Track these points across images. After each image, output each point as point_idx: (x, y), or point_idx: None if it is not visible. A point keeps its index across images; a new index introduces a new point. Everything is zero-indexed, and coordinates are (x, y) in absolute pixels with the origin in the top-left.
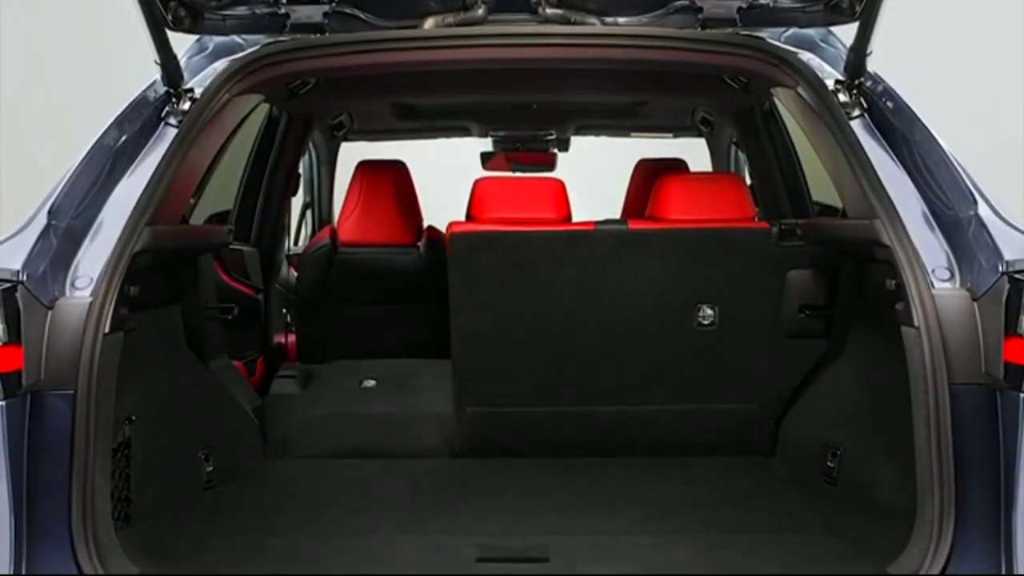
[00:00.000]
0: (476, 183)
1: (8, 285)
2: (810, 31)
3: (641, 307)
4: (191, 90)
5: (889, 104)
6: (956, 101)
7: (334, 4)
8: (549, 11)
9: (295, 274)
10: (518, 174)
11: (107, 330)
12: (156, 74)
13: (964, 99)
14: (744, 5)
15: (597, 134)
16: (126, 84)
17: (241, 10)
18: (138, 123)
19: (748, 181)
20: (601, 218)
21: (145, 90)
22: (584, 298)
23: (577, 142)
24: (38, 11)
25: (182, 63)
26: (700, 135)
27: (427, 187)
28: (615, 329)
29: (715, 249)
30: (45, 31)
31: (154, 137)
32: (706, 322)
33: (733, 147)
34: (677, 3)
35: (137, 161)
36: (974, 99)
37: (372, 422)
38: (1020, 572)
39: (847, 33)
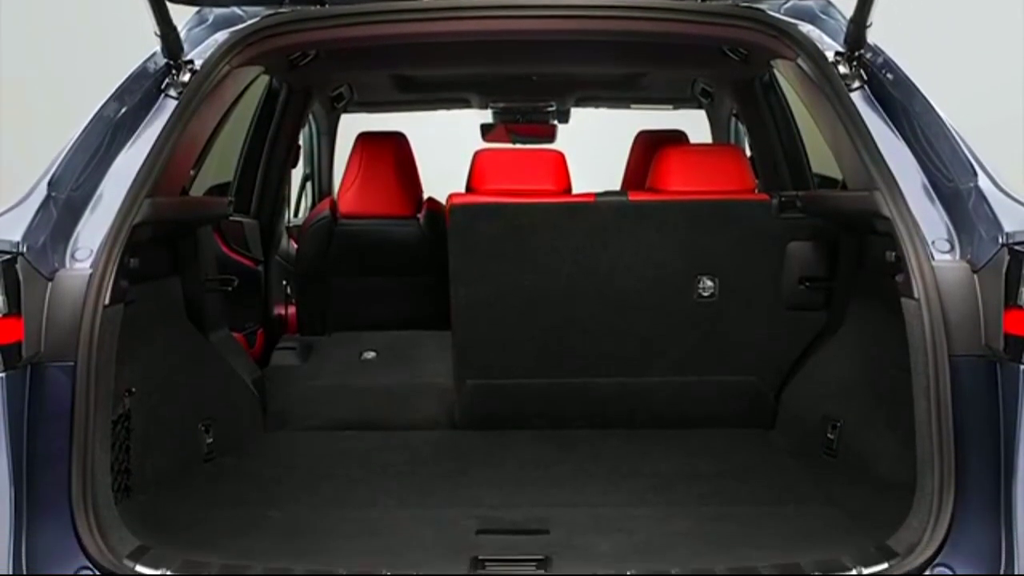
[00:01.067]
0: (476, 155)
1: (8, 257)
2: (810, 2)
3: (641, 279)
4: (191, 62)
5: (889, 76)
6: (956, 77)
7: None
8: None
9: (295, 246)
10: (518, 145)
11: (107, 302)
12: (156, 46)
13: (964, 75)
14: None
15: (597, 106)
16: (126, 56)
17: None
18: (138, 95)
19: (748, 153)
20: (601, 190)
21: (145, 62)
22: (584, 269)
23: (577, 114)
24: None
25: (182, 35)
26: (700, 107)
27: (427, 159)
28: (615, 301)
29: (715, 221)
30: (45, 2)
31: (154, 109)
32: (706, 294)
33: (733, 119)
34: None
35: (137, 133)
36: (974, 75)
37: (372, 394)
38: (1020, 544)
39: (847, 5)
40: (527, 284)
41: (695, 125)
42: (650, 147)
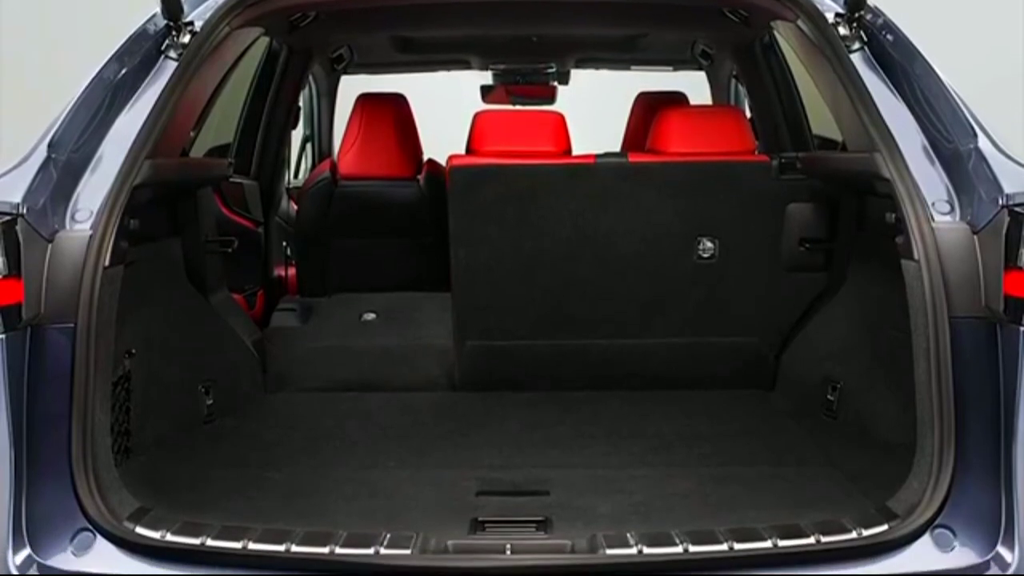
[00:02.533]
0: (476, 116)
1: (8, 218)
2: None
3: (641, 240)
4: (191, 23)
5: (889, 37)
6: (956, 39)
7: None
8: None
9: (295, 207)
10: (518, 107)
11: (107, 263)
12: (156, 7)
13: (964, 37)
14: None
15: (597, 67)
16: (126, 17)
17: None
18: (138, 56)
19: (748, 114)
20: (601, 151)
21: (145, 23)
22: (584, 231)
23: (577, 76)
24: None
25: None
26: (700, 68)
27: (427, 120)
28: (615, 262)
29: (715, 182)
30: None
31: (154, 71)
32: (706, 255)
33: (733, 80)
34: None
35: (137, 95)
36: (974, 37)
37: (372, 355)
38: (1020, 505)
39: None
40: (527, 246)
41: (695, 87)
42: (650, 109)
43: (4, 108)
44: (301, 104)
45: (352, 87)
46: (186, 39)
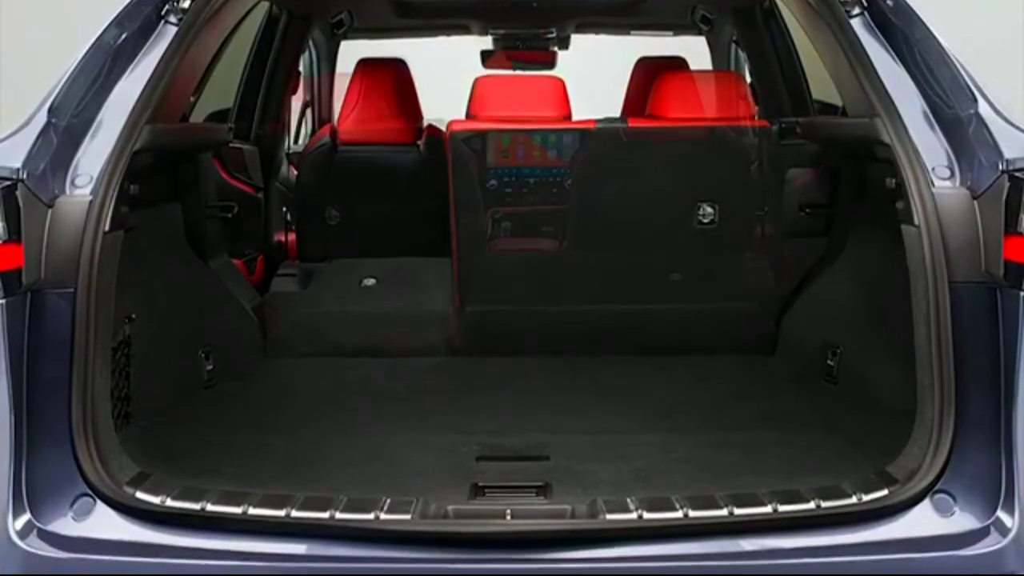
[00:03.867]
0: (476, 81)
1: (8, 183)
2: None
3: (641, 206)
4: None
5: (889, 2)
6: (955, 4)
7: None
8: None
9: (295, 172)
10: (518, 72)
11: (107, 228)
12: None
13: (963, 2)
14: None
15: (597, 32)
16: None
17: None
18: (138, 21)
19: (748, 80)
20: (601, 116)
21: None
22: (584, 196)
23: (577, 41)
24: None
25: None
26: (700, 34)
27: (427, 85)
28: (615, 227)
29: (715, 147)
30: None
31: (154, 35)
32: (706, 220)
33: (733, 46)
34: None
35: (137, 59)
36: (973, 3)
37: (372, 321)
38: (1020, 470)
39: None
40: (528, 210)
41: (696, 54)
42: (650, 74)
43: (3, 76)
44: (301, 69)
45: (352, 52)
46: (186, 4)
